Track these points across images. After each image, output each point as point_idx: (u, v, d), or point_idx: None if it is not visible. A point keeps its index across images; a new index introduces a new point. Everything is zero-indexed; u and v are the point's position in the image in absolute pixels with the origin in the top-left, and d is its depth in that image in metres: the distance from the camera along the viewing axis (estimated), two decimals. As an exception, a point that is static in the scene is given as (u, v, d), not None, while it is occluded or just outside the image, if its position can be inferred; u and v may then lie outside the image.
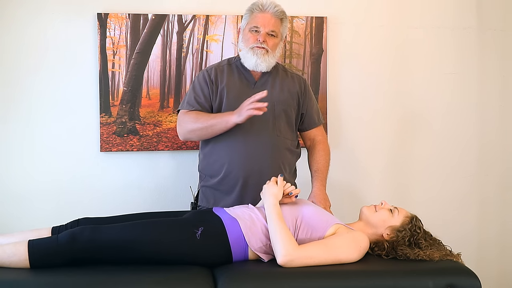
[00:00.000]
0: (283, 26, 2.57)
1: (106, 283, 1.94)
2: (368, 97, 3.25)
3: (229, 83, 2.58)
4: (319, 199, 2.55)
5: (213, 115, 2.53)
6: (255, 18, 2.53)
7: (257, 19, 2.53)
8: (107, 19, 2.96)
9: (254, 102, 2.35)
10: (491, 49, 3.37)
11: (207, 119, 2.50)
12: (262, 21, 2.52)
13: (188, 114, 2.56)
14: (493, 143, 3.40)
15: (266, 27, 2.52)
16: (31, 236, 2.17)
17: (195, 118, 2.53)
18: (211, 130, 2.50)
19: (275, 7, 2.53)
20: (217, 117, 2.50)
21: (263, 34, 2.51)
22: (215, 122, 2.47)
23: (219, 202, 2.55)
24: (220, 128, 2.48)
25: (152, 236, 2.09)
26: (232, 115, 2.42)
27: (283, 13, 2.56)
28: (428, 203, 3.31)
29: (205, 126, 2.49)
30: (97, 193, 3.02)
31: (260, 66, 2.54)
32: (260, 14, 2.53)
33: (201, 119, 2.51)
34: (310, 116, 2.70)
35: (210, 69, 2.64)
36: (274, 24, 2.53)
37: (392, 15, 3.26)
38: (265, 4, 2.54)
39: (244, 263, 2.13)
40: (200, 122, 2.51)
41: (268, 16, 2.52)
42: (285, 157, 2.60)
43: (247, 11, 2.58)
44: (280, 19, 2.54)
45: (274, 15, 2.53)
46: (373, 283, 2.02)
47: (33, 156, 2.97)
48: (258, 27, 2.52)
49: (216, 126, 2.48)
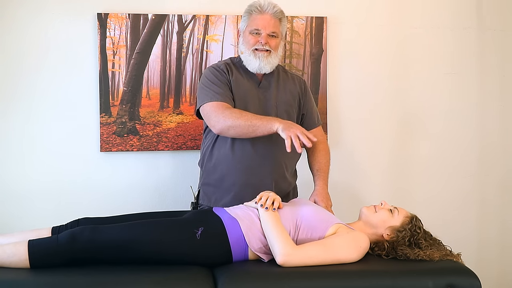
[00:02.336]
0: (282, 25, 2.56)
1: (106, 283, 1.94)
2: (368, 97, 3.25)
3: (238, 79, 2.57)
4: (321, 198, 2.55)
5: (258, 116, 2.42)
6: (254, 20, 2.52)
7: (257, 21, 2.51)
8: (107, 19, 2.96)
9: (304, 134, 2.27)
10: (491, 49, 3.37)
11: (251, 118, 2.40)
12: (262, 23, 2.50)
13: (227, 109, 2.44)
14: (493, 143, 3.41)
15: (266, 28, 2.50)
16: (31, 236, 2.17)
17: (238, 114, 2.41)
18: (253, 130, 2.39)
19: (274, 8, 2.52)
20: (262, 119, 2.39)
21: (264, 36, 2.50)
22: (260, 124, 2.38)
23: (220, 200, 2.54)
24: (262, 131, 2.38)
25: (152, 236, 2.09)
26: (280, 124, 2.33)
27: (282, 13, 2.55)
28: (428, 203, 3.31)
29: (248, 124, 2.39)
30: (97, 193, 3.02)
31: (264, 68, 2.53)
32: (260, 15, 2.51)
33: (245, 117, 2.40)
34: (310, 117, 2.70)
35: (219, 64, 2.61)
36: (274, 25, 2.52)
37: (392, 15, 3.26)
38: (263, 5, 2.52)
39: (244, 263, 2.13)
40: (243, 119, 2.40)
41: (267, 17, 2.51)
42: (287, 157, 2.59)
43: (245, 13, 2.56)
44: (279, 18, 2.53)
45: (273, 16, 2.51)
46: (373, 283, 2.02)
47: (33, 155, 2.97)
48: (259, 30, 2.50)
49: (260, 128, 2.38)
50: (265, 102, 2.57)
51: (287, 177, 2.61)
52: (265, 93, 2.58)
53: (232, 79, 2.55)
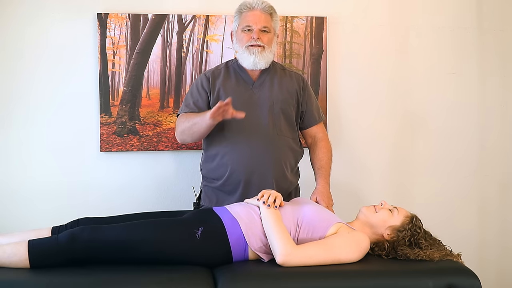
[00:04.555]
0: (274, 20, 2.59)
1: (106, 283, 1.94)
2: (368, 97, 3.25)
3: (226, 85, 2.59)
4: (323, 197, 2.56)
5: (197, 114, 2.52)
6: (245, 18, 2.55)
7: (247, 18, 2.55)
8: (107, 19, 2.96)
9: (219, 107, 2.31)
10: (491, 49, 3.37)
11: (192, 117, 2.51)
12: (253, 19, 2.54)
13: (182, 116, 2.58)
14: (493, 143, 3.40)
15: (258, 24, 2.53)
16: (31, 236, 2.17)
17: (185, 118, 2.54)
18: (196, 128, 2.48)
19: (263, 3, 2.56)
20: (200, 115, 2.48)
21: (256, 31, 2.53)
22: (197, 120, 2.47)
23: (222, 202, 2.54)
24: (201, 126, 2.45)
25: (152, 236, 2.09)
26: (206, 113, 2.40)
27: (272, 8, 2.58)
28: (429, 202, 3.31)
29: (190, 125, 2.50)
30: (97, 193, 3.02)
31: (259, 64, 2.55)
32: (250, 12, 2.55)
33: (188, 118, 2.52)
34: (310, 114, 2.70)
35: (207, 73, 2.66)
36: (265, 20, 2.55)
37: (392, 15, 3.26)
38: (252, 2, 2.56)
39: (244, 263, 2.13)
40: (187, 121, 2.52)
41: (257, 13, 2.54)
42: (287, 156, 2.60)
43: (236, 13, 2.60)
44: (270, 13, 2.57)
45: (263, 11, 2.55)
46: (373, 283, 2.02)
47: (33, 155, 2.97)
48: (250, 26, 2.54)
49: (198, 124, 2.46)
50: (259, 103, 2.58)
51: (288, 176, 2.60)
52: (259, 93, 2.59)
53: (218, 88, 2.58)
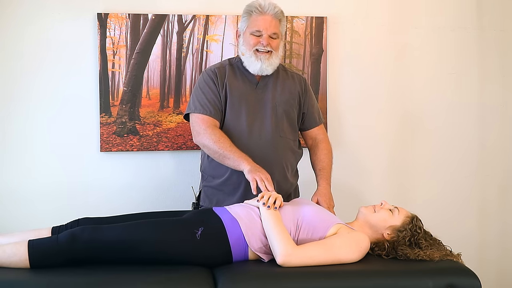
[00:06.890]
0: (282, 25, 2.54)
1: (106, 283, 1.94)
2: (368, 97, 3.25)
3: (232, 83, 2.56)
4: (324, 198, 2.55)
5: (233, 148, 2.42)
6: (255, 21, 2.49)
7: (258, 22, 2.48)
8: (107, 19, 2.96)
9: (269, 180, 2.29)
10: (491, 49, 3.37)
11: (225, 147, 2.41)
12: (263, 24, 2.47)
13: (210, 127, 2.47)
14: (493, 143, 3.40)
15: (268, 30, 2.48)
16: (31, 236, 2.17)
17: (216, 138, 2.44)
18: (222, 159, 2.43)
19: (275, 8, 2.49)
20: (235, 153, 2.40)
21: (266, 37, 2.48)
22: (230, 157, 2.40)
23: (222, 202, 2.53)
24: (229, 164, 2.42)
25: (152, 236, 2.09)
26: (247, 165, 2.34)
27: (282, 13, 2.53)
28: (429, 203, 3.31)
29: (220, 153, 2.42)
30: (97, 193, 3.02)
31: (266, 70, 2.52)
32: (260, 16, 2.48)
33: (220, 144, 2.42)
34: (311, 115, 2.70)
35: (213, 69, 2.60)
36: (275, 26, 2.49)
37: (392, 15, 3.26)
38: (264, 5, 2.49)
39: (244, 263, 2.13)
40: (217, 145, 2.42)
41: (268, 18, 2.48)
42: (288, 158, 2.59)
43: (245, 13, 2.53)
44: (279, 19, 2.51)
45: (274, 17, 2.48)
46: (373, 283, 2.02)
47: (33, 155, 2.97)
48: (260, 31, 2.48)
49: (229, 160, 2.41)
50: (263, 103, 2.56)
51: (289, 177, 2.60)
52: (263, 94, 2.57)
53: (225, 85, 2.54)
